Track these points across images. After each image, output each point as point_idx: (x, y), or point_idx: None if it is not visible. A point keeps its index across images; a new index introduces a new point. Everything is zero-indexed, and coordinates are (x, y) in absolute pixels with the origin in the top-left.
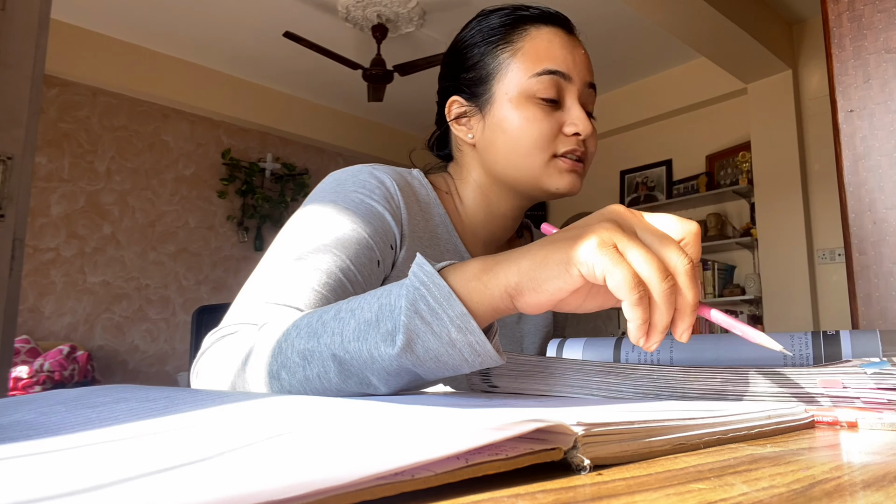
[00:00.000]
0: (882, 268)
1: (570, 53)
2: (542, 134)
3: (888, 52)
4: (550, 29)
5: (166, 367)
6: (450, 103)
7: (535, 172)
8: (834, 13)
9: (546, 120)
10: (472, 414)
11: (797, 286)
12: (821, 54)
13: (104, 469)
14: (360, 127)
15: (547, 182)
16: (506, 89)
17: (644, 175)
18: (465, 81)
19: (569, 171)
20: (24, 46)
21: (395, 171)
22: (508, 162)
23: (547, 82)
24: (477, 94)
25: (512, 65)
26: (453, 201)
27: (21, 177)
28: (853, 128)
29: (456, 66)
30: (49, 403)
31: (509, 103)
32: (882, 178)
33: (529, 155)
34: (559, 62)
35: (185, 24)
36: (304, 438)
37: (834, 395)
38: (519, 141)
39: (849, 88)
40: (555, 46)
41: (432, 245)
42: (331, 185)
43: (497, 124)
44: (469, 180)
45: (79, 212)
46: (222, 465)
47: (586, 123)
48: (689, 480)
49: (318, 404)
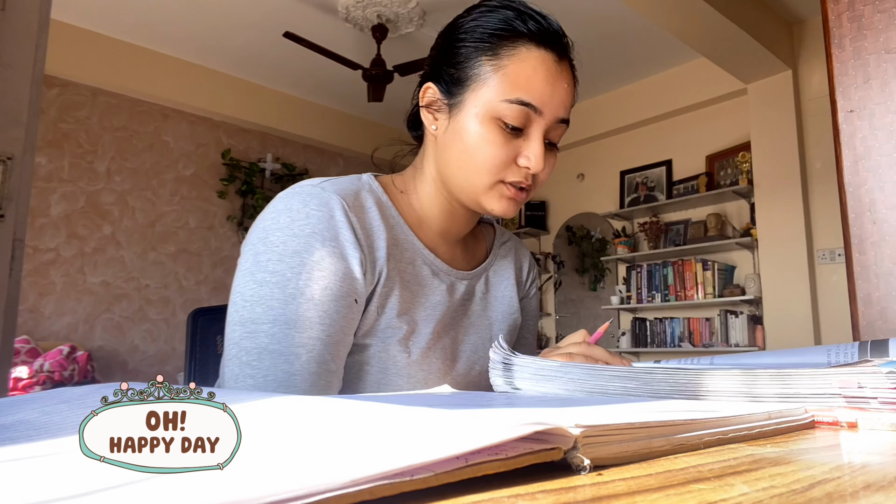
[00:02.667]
0: (882, 268)
1: (550, 87)
2: (495, 158)
3: (888, 52)
4: (541, 53)
5: (166, 368)
6: (425, 88)
7: (478, 190)
8: (834, 13)
9: (504, 146)
10: (472, 415)
11: (797, 286)
12: (821, 54)
13: (100, 472)
14: (360, 127)
15: (485, 202)
16: (477, 101)
17: (644, 175)
18: (445, 74)
19: (510, 198)
20: (24, 46)
21: (342, 186)
22: (458, 171)
23: (516, 111)
24: (451, 91)
25: (490, 80)
26: (409, 199)
27: (21, 177)
28: (853, 128)
29: (443, 53)
30: (52, 403)
31: (475, 116)
32: (882, 178)
33: (478, 173)
34: (535, 95)
35: (185, 24)
36: (305, 439)
37: (850, 395)
38: (472, 156)
39: (849, 88)
40: (538, 76)
41: (394, 245)
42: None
43: (457, 131)
44: (426, 173)
45: (79, 212)
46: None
47: (540, 161)
48: (689, 480)
49: (319, 405)
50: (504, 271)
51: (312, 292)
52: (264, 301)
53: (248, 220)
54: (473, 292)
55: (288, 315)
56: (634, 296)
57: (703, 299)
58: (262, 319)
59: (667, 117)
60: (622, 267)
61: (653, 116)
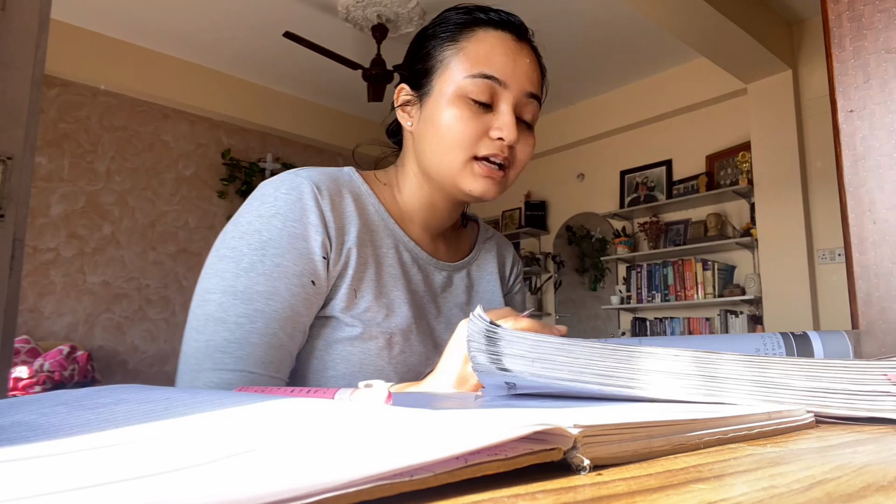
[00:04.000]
0: (882, 268)
1: (511, 61)
2: (466, 133)
3: (888, 52)
4: (499, 34)
5: (166, 368)
6: (398, 90)
7: (453, 170)
8: (834, 13)
9: (472, 120)
10: (471, 415)
11: (797, 286)
12: (821, 54)
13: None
14: (360, 127)
15: (462, 183)
16: (443, 85)
17: (644, 175)
18: (414, 72)
19: (484, 176)
20: (24, 46)
21: (321, 173)
22: (433, 156)
23: (480, 85)
24: (420, 84)
25: (452, 62)
26: (392, 191)
27: (21, 177)
28: (853, 128)
29: (411, 55)
30: (51, 404)
31: (443, 99)
32: (882, 178)
33: (451, 151)
34: (497, 67)
35: (185, 24)
36: (304, 439)
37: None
38: (444, 136)
39: (849, 88)
40: (496, 52)
41: (372, 231)
42: (254, 207)
43: (429, 116)
44: (407, 169)
45: (79, 212)
46: (222, 466)
47: (512, 129)
48: (689, 480)
49: (318, 405)
50: (487, 265)
51: (264, 268)
52: (219, 273)
53: None
54: (453, 282)
55: (237, 287)
56: (634, 296)
57: (703, 299)
58: (214, 290)
59: (667, 117)
60: (622, 267)
61: (653, 116)
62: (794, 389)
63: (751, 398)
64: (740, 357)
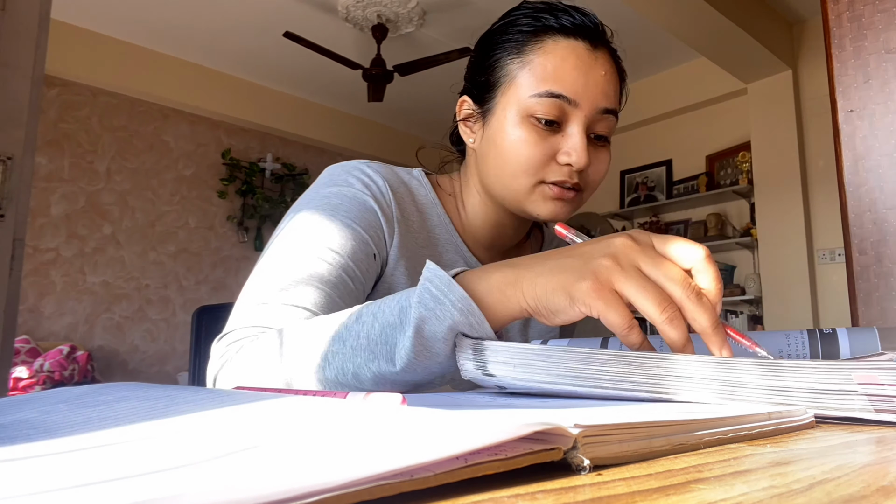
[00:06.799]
0: (882, 268)
1: (582, 75)
2: (532, 158)
3: (888, 52)
4: (570, 43)
5: (166, 368)
6: (461, 102)
7: (520, 195)
8: (834, 13)
9: (539, 144)
10: (471, 415)
11: (797, 286)
12: (821, 54)
13: (96, 471)
14: (360, 127)
15: (530, 207)
16: (507, 103)
17: (644, 175)
18: (476, 84)
19: (554, 198)
20: (24, 46)
21: (389, 169)
22: (497, 179)
23: (548, 104)
24: (483, 99)
25: (518, 78)
26: (455, 204)
27: (21, 177)
28: (853, 128)
29: (474, 64)
30: (51, 402)
31: (507, 118)
32: (882, 178)
33: (515, 177)
34: (566, 85)
35: (185, 24)
36: (304, 438)
37: (873, 394)
38: (507, 160)
39: (849, 88)
40: (567, 66)
41: (429, 245)
42: (325, 182)
43: (492, 137)
44: (471, 184)
45: (79, 212)
46: (221, 466)
47: (582, 154)
48: (689, 480)
49: (318, 405)
50: None
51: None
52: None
53: (248, 219)
54: None
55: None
56: None
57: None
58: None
59: (667, 117)
60: None
61: (653, 116)
62: (757, 388)
63: (709, 394)
64: (698, 358)
